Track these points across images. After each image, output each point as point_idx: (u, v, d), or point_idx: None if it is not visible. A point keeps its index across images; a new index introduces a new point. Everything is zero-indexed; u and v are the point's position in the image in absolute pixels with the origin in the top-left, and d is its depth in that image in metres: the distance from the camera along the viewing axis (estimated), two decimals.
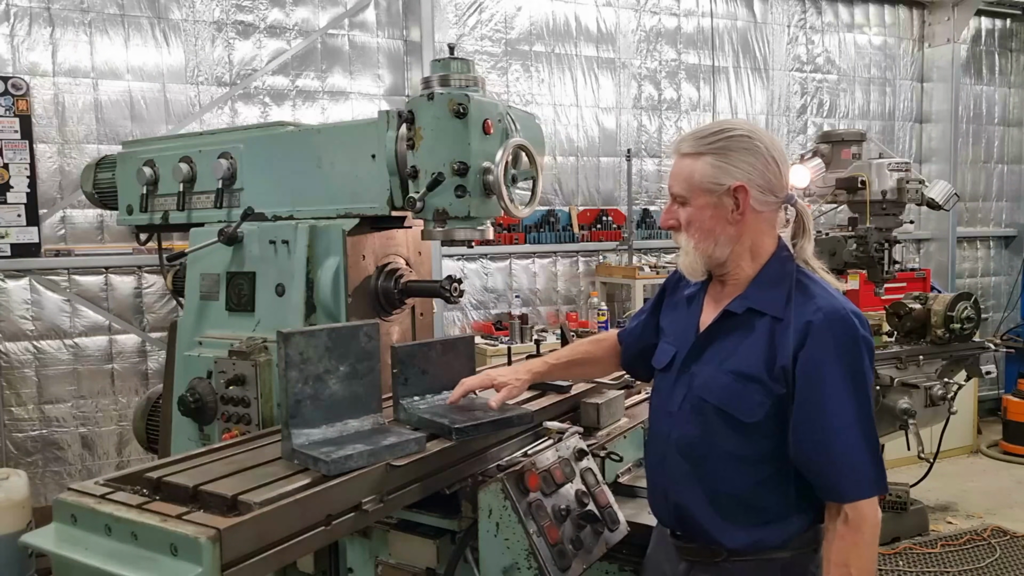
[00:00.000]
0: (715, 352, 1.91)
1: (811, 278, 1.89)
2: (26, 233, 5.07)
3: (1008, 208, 9.09)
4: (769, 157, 1.84)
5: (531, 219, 6.55)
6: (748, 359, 1.84)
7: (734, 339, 1.89)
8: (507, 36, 6.49)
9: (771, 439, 1.82)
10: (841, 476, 1.76)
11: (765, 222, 1.89)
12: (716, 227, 1.85)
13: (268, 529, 1.58)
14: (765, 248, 1.90)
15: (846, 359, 1.76)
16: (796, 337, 1.77)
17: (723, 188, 1.83)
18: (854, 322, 1.79)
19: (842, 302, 1.84)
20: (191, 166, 2.93)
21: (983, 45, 8.83)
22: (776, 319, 1.83)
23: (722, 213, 1.84)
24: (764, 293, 1.87)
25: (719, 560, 1.89)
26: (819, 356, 1.76)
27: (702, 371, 1.92)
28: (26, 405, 5.14)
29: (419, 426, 2.08)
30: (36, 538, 1.67)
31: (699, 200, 1.85)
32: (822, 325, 1.77)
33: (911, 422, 4.91)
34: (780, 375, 1.79)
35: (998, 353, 7.35)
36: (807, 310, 1.80)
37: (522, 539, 1.89)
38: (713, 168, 1.83)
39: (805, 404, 1.77)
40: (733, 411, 1.84)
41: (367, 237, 2.59)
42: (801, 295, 1.83)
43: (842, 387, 1.75)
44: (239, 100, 5.63)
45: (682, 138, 1.91)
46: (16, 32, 5.04)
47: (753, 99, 7.57)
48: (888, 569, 4.94)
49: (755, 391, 1.81)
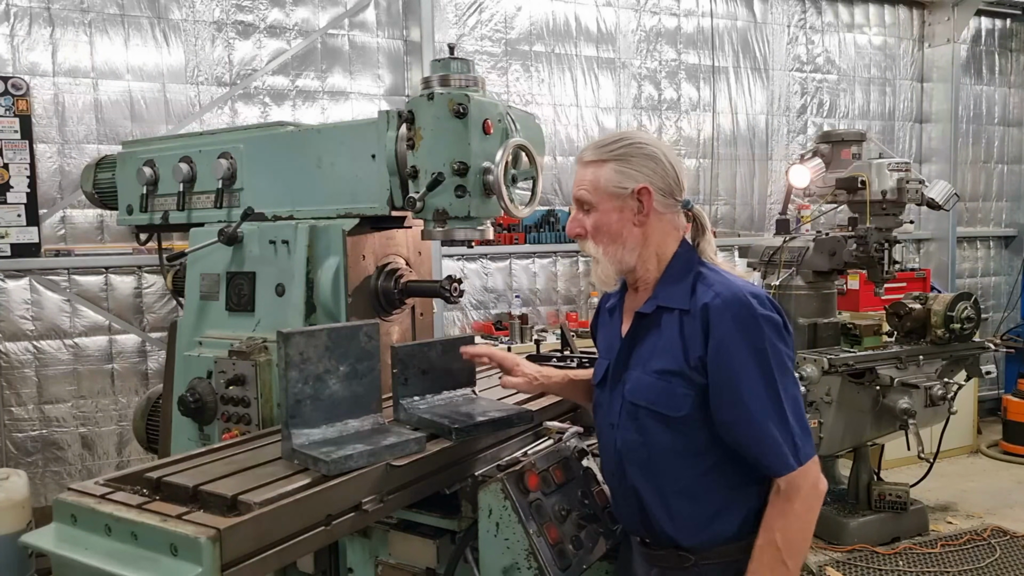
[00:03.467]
0: (638, 356, 1.98)
1: (713, 269, 1.96)
2: (26, 233, 5.07)
3: (1008, 208, 9.09)
4: (667, 162, 1.94)
5: (531, 219, 6.55)
6: (666, 355, 1.90)
7: (651, 339, 1.95)
8: (507, 36, 6.49)
9: (703, 430, 1.87)
10: (763, 453, 1.82)
11: (668, 223, 1.97)
12: (623, 230, 1.93)
13: (268, 529, 1.58)
14: (669, 249, 1.99)
15: (748, 338, 1.81)
16: (700, 324, 1.84)
17: (627, 191, 1.91)
18: (750, 301, 1.84)
19: (740, 285, 1.89)
20: (191, 166, 2.93)
21: (983, 45, 8.82)
22: (684, 311, 1.89)
23: (627, 216, 1.93)
24: (670, 289, 1.94)
25: (688, 565, 1.92)
26: (721, 339, 1.82)
27: (630, 376, 1.98)
28: (26, 405, 5.14)
29: (419, 426, 2.09)
30: (36, 538, 1.67)
31: (605, 204, 1.93)
32: (719, 307, 1.83)
33: (911, 422, 4.92)
34: (697, 364, 1.84)
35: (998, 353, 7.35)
36: (706, 296, 1.86)
37: (522, 539, 1.89)
38: (617, 173, 1.92)
39: (717, 388, 1.83)
40: (661, 408, 1.89)
41: (367, 237, 2.59)
42: (702, 285, 1.90)
43: (749, 366, 1.80)
44: (239, 100, 5.63)
45: (584, 149, 2.00)
46: (16, 32, 5.04)
47: (753, 99, 7.57)
48: (888, 569, 4.95)
49: (678, 385, 1.87)
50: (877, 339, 5.31)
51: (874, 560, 5.06)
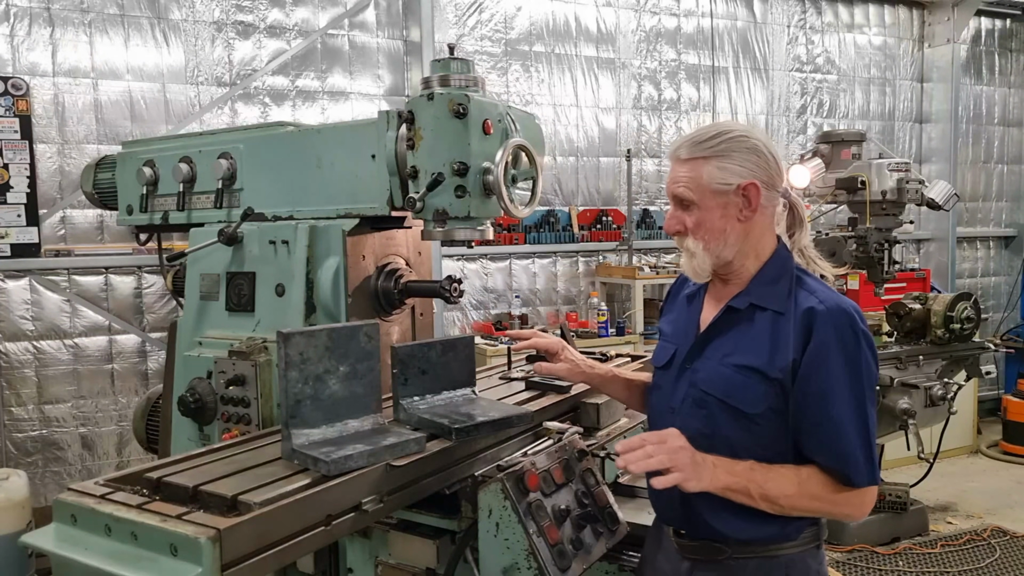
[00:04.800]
0: (717, 347, 1.94)
1: (811, 275, 1.94)
2: (26, 233, 5.07)
3: (1008, 208, 9.09)
4: (768, 153, 1.89)
5: (531, 219, 6.56)
6: (750, 352, 1.87)
7: (736, 334, 1.92)
8: (507, 36, 6.49)
9: (774, 430, 1.85)
10: (843, 464, 1.79)
11: (768, 218, 1.94)
12: (727, 227, 1.89)
13: (268, 529, 1.58)
14: (767, 245, 1.95)
15: (846, 350, 1.80)
16: (799, 327, 1.82)
17: (732, 187, 1.86)
18: (854, 315, 1.83)
19: (842, 297, 1.88)
20: (191, 166, 2.93)
21: (983, 45, 8.83)
22: (778, 313, 1.87)
23: (732, 212, 1.88)
24: (766, 289, 1.91)
25: (722, 558, 1.90)
26: (820, 346, 1.80)
27: (704, 366, 1.94)
28: (26, 405, 5.14)
29: (419, 426, 2.08)
30: (36, 538, 1.67)
31: (708, 202, 1.88)
32: (824, 315, 1.81)
33: (911, 422, 4.92)
34: (785, 367, 1.82)
35: (998, 353, 7.38)
36: (809, 302, 1.84)
37: (522, 539, 1.89)
38: (720, 170, 1.86)
39: (807, 394, 1.81)
40: (736, 403, 1.86)
41: (367, 237, 2.59)
42: (802, 290, 1.88)
43: (843, 378, 1.79)
44: (239, 100, 5.64)
45: (679, 144, 1.93)
46: (16, 32, 5.04)
47: (753, 99, 7.57)
48: (888, 569, 4.95)
49: (757, 382, 1.84)
50: (877, 339, 5.32)
51: (874, 560, 5.06)
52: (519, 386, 2.69)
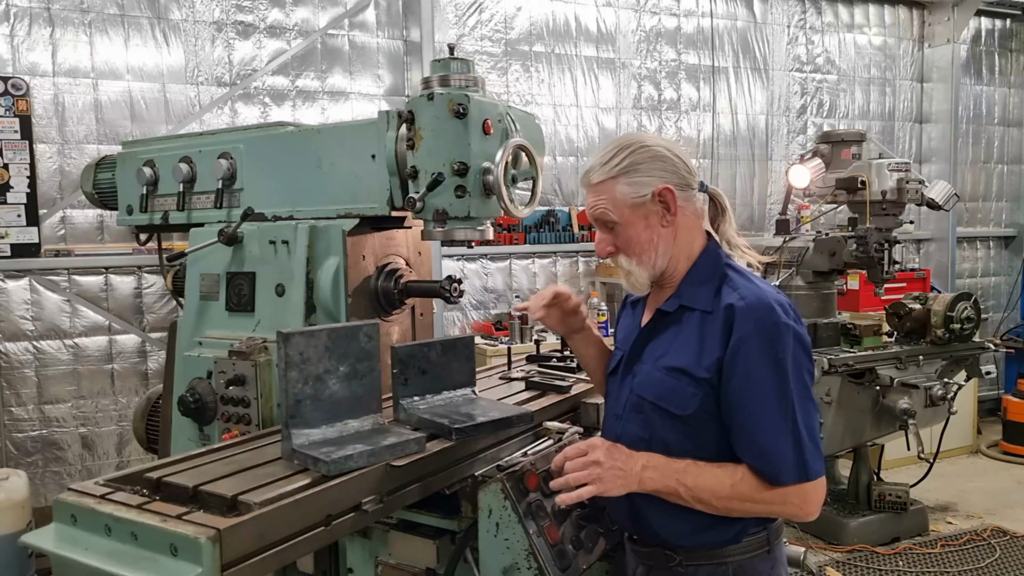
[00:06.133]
0: (652, 351, 1.96)
1: (741, 272, 1.94)
2: (26, 233, 5.07)
3: (1008, 208, 9.09)
4: (673, 156, 1.92)
5: (531, 219, 6.55)
6: (680, 354, 1.88)
7: (668, 336, 1.94)
8: (507, 36, 6.49)
9: (709, 432, 1.85)
10: (765, 463, 1.78)
11: (690, 217, 1.95)
12: (653, 236, 1.91)
13: (268, 529, 1.58)
14: (697, 245, 1.97)
15: (767, 345, 1.78)
16: (723, 324, 1.82)
17: (647, 197, 1.88)
18: (775, 308, 1.81)
19: (767, 291, 1.87)
20: (191, 166, 2.93)
21: (983, 45, 8.82)
22: (706, 312, 1.87)
23: (654, 221, 1.91)
24: (695, 289, 1.92)
25: (672, 564, 1.91)
26: (740, 342, 1.79)
27: (641, 370, 1.97)
28: (26, 405, 5.14)
29: (419, 426, 2.08)
30: (36, 538, 1.67)
31: (630, 217, 1.90)
32: (743, 310, 1.80)
33: (911, 422, 4.92)
34: (711, 365, 1.82)
35: (998, 353, 7.37)
36: (730, 298, 1.84)
37: (522, 539, 1.89)
38: (631, 185, 1.89)
39: (730, 391, 1.80)
40: (667, 405, 1.87)
41: (367, 237, 2.59)
42: (728, 287, 1.88)
43: (764, 372, 1.77)
44: (239, 100, 5.64)
45: (587, 171, 1.96)
46: (16, 32, 5.04)
47: (753, 99, 7.57)
48: (888, 569, 4.95)
49: (686, 383, 1.85)
50: (877, 339, 5.32)
51: (874, 560, 5.06)
52: (519, 386, 2.69)
